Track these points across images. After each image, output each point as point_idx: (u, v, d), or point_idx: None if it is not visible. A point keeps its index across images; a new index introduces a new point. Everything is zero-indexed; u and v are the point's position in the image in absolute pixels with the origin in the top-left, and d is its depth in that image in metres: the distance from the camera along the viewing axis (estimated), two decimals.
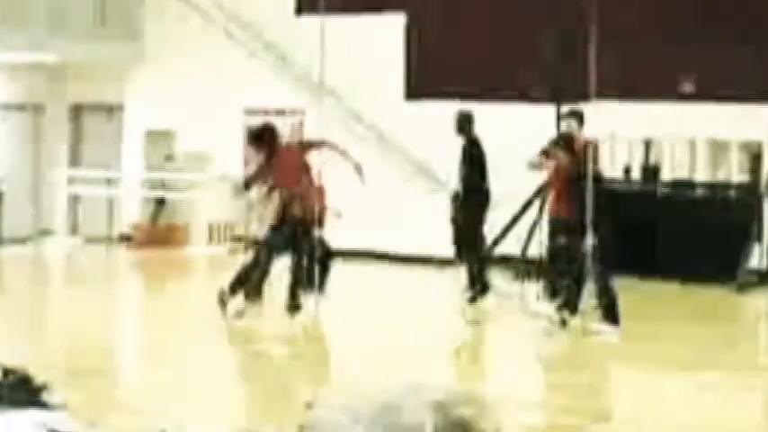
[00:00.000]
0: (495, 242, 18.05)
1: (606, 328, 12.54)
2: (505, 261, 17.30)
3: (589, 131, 13.65)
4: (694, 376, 10.84)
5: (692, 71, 17.31)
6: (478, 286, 14.58)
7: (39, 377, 4.90)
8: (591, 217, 12.46)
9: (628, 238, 14.42)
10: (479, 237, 14.92)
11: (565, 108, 14.42)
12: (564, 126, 13.96)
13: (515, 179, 17.78)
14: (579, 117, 13.89)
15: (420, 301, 15.67)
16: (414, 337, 12.85)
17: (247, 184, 13.61)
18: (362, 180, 13.65)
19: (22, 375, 4.69)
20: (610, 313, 12.61)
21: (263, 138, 12.89)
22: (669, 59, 17.24)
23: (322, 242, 13.83)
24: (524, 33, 18.03)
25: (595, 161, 13.35)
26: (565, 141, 13.12)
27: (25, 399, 4.25)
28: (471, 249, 14.85)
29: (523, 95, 18.19)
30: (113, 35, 21.52)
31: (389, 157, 19.67)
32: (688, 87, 17.38)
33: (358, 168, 13.70)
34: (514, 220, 17.62)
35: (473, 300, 14.59)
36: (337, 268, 14.42)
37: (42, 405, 4.00)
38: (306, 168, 13.19)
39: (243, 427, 8.44)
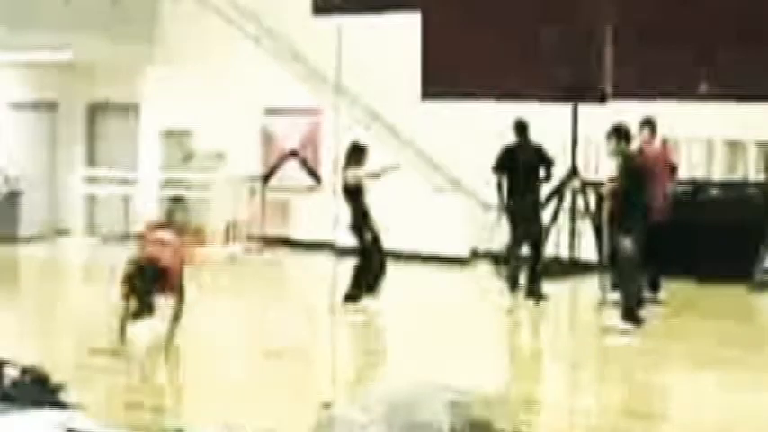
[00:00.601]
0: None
1: (625, 325, 12.57)
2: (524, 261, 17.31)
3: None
4: (713, 374, 10.82)
5: (709, 70, 17.25)
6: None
7: (54, 375, 4.91)
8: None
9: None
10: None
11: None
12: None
13: None
14: (652, 126, 14.15)
15: (439, 301, 15.64)
16: (435, 335, 12.85)
17: None
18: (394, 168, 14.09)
19: (40, 374, 4.69)
20: (631, 313, 12.63)
21: None
22: (686, 59, 17.18)
23: (379, 248, 14.06)
24: (541, 32, 17.98)
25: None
26: (624, 135, 12.98)
27: (42, 398, 4.26)
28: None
29: (540, 95, 18.14)
30: (130, 34, 21.55)
31: (405, 156, 19.66)
32: (705, 87, 17.32)
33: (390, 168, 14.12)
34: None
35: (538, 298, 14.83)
36: (350, 268, 14.46)
37: (59, 404, 4.02)
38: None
39: (260, 425, 8.44)
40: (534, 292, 14.74)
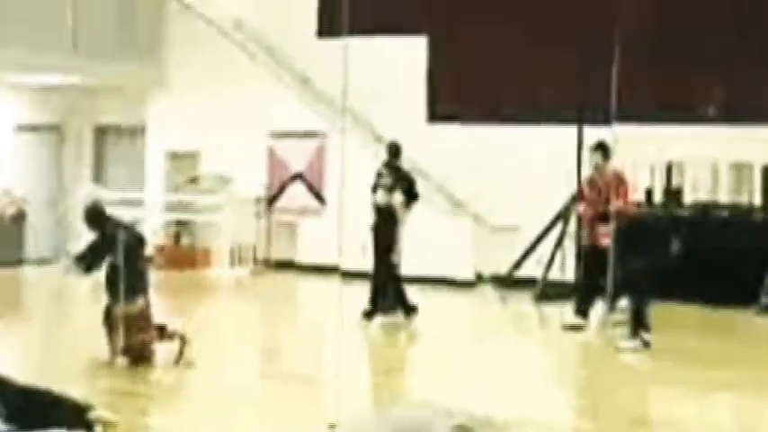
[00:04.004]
0: (517, 264, 18.05)
1: (632, 344, 12.76)
2: (528, 284, 17.35)
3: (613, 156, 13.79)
4: (725, 398, 10.81)
5: (714, 94, 17.29)
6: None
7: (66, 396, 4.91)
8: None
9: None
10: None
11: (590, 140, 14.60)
12: (592, 160, 14.21)
13: (535, 202, 17.79)
14: (605, 150, 14.11)
15: (442, 323, 15.63)
16: (437, 358, 12.84)
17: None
18: None
19: (67, 398, 4.71)
20: (638, 334, 12.84)
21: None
22: (691, 82, 17.21)
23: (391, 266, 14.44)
24: (546, 56, 18.03)
25: (625, 193, 13.67)
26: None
27: (71, 420, 4.33)
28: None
29: (545, 118, 18.20)
30: (136, 57, 21.62)
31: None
32: (710, 110, 17.35)
33: None
34: (536, 242, 17.64)
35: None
36: (356, 291, 14.50)
37: (87, 425, 4.08)
38: None
39: None
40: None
